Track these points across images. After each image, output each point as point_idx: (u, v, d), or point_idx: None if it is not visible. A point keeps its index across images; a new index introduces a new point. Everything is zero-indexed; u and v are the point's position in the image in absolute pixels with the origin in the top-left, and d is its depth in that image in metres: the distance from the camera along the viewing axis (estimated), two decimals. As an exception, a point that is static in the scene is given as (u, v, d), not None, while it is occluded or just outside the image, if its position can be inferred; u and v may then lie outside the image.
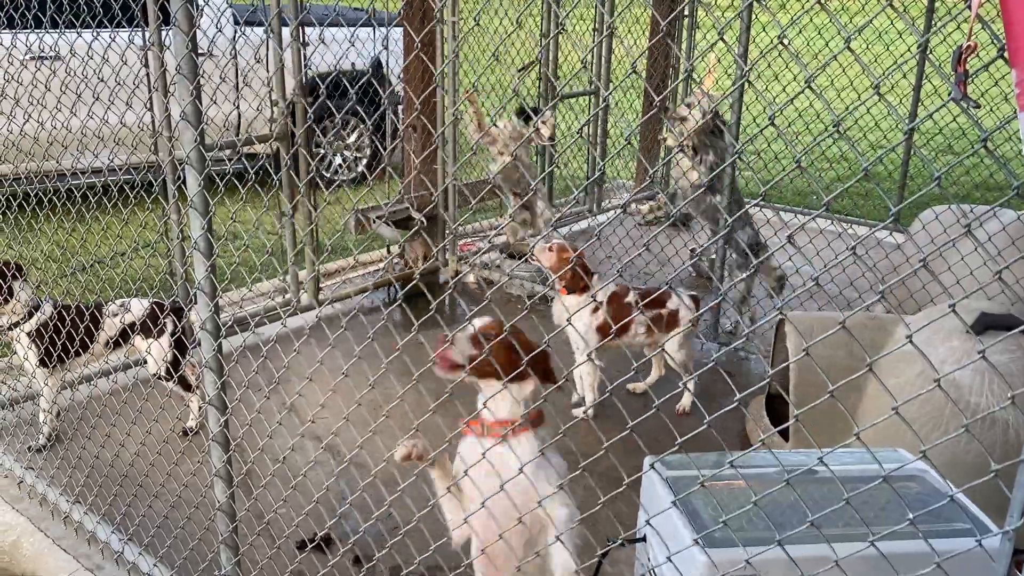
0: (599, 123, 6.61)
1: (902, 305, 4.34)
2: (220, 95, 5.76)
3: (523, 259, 3.88)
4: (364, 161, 8.55)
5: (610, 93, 6.37)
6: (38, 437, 3.55)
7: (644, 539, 1.87)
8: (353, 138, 8.53)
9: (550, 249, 3.79)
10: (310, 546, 2.94)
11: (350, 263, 6.06)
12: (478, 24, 6.50)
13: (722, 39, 1.17)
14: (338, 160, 8.44)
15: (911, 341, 1.17)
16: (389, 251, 5.75)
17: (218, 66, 6.65)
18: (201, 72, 2.04)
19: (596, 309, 3.79)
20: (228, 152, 4.09)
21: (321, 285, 5.29)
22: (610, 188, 7.86)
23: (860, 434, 1.28)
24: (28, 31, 3.22)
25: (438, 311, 1.64)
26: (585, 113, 6.81)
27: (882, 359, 3.16)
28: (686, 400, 4.02)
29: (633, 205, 5.66)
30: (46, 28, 2.89)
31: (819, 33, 7.19)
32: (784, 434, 3.42)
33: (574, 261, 3.55)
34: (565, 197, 7.16)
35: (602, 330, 3.77)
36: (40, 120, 3.19)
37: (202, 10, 6.75)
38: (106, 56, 2.84)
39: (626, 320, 3.80)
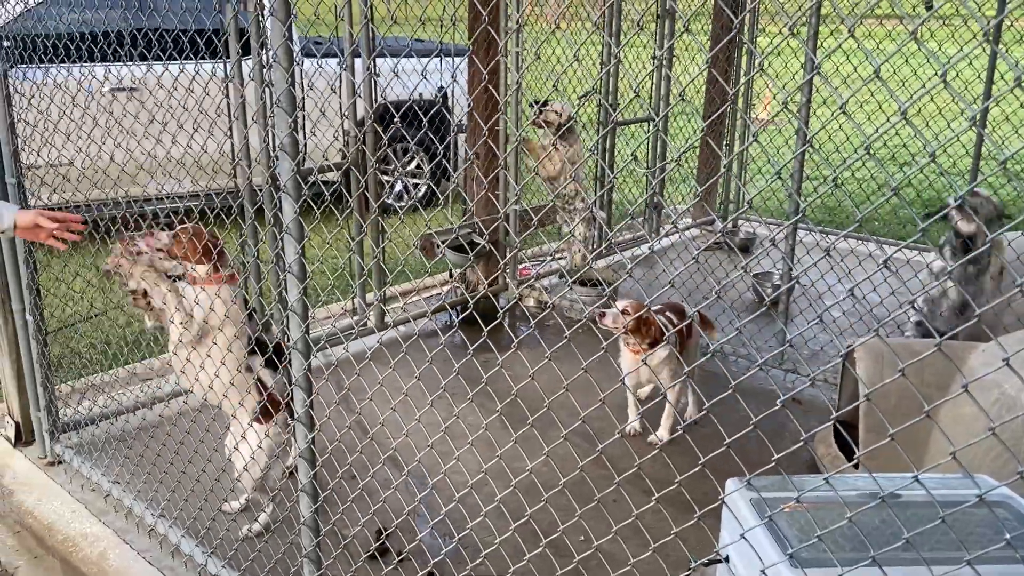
0: (656, 148, 6.66)
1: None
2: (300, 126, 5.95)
3: (598, 285, 3.94)
4: (424, 188, 8.71)
5: (660, 119, 6.42)
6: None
7: (727, 559, 1.90)
8: (413, 165, 8.70)
9: (624, 312, 3.73)
10: (376, 544, 3.02)
11: (415, 286, 6.17)
12: (539, 57, 6.62)
13: (819, 71, 1.22)
14: (399, 186, 8.62)
15: (1008, 363, 1.20)
16: (452, 275, 5.85)
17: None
18: (301, 105, 2.15)
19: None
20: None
21: (388, 308, 5.41)
22: (667, 213, 7.88)
23: (932, 462, 1.30)
24: (118, 64, 3.39)
25: (500, 332, 1.71)
26: (647, 139, 6.89)
27: (954, 387, 3.12)
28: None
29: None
30: (135, 61, 3.04)
31: (867, 59, 7.14)
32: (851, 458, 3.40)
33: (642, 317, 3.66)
34: (626, 222, 7.20)
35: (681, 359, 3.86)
36: (129, 148, 3.35)
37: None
38: (190, 87, 2.98)
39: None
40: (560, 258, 6.55)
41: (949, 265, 3.93)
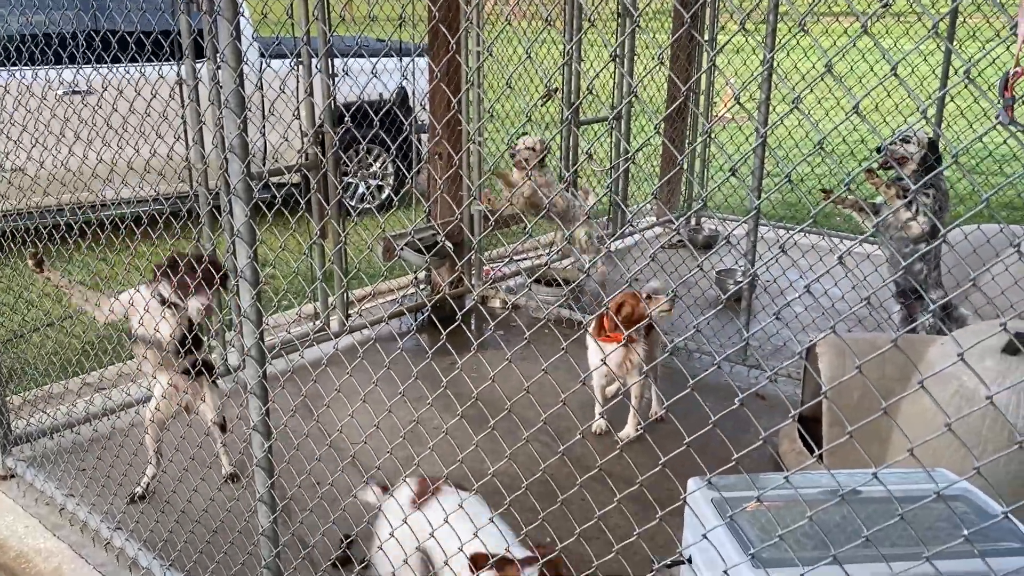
0: (619, 147, 6.67)
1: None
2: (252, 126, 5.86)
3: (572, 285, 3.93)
4: (388, 189, 8.63)
5: (613, 117, 6.42)
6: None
7: (689, 560, 1.88)
8: (377, 166, 8.62)
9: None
10: (337, 553, 2.98)
11: (378, 289, 6.11)
12: (491, 54, 6.59)
13: (772, 67, 1.21)
14: (362, 188, 8.53)
15: (962, 359, 1.19)
16: (416, 277, 5.80)
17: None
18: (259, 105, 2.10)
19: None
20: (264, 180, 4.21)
21: (350, 311, 5.35)
22: (630, 213, 7.90)
23: (897, 454, 1.29)
24: (66, 67, 3.30)
25: (465, 333, 1.68)
26: (608, 138, 6.87)
27: (915, 380, 3.14)
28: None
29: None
30: (86, 63, 2.96)
31: (817, 54, 7.22)
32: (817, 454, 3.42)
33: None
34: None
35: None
36: (83, 154, 3.26)
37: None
38: (138, 89, 2.91)
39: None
40: (527, 259, 6.54)
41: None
